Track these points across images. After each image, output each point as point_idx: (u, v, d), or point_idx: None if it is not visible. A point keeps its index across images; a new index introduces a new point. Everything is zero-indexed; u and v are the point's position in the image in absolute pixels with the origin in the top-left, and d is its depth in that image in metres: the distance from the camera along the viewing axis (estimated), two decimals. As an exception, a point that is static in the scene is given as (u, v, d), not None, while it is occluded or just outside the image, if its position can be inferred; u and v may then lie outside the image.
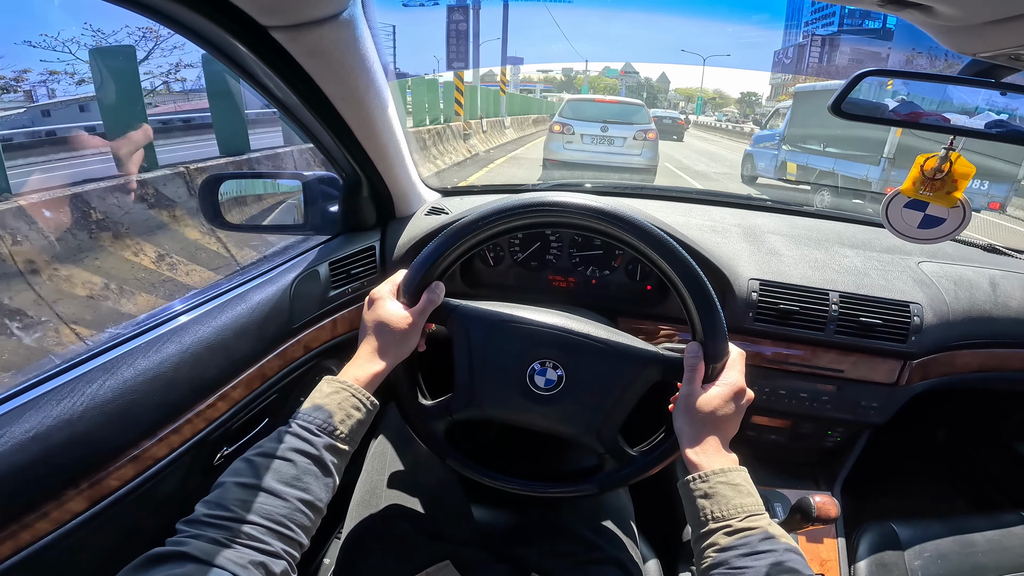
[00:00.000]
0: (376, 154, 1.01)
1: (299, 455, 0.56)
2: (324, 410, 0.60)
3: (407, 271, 0.73)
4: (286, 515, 0.52)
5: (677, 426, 0.67)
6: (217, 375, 0.78)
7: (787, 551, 0.54)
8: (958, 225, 0.81)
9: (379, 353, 0.68)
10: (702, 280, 0.67)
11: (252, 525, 0.50)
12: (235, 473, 0.54)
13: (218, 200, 1.01)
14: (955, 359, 1.10)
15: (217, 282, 0.91)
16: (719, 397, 0.66)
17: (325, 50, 0.74)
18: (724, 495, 0.59)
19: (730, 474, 0.61)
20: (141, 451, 0.66)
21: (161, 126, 9.83)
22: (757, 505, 0.59)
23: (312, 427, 0.59)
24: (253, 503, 0.51)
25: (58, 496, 0.58)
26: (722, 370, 0.68)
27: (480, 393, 0.74)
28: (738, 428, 0.68)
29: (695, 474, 0.62)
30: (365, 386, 0.65)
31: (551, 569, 0.80)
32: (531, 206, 0.70)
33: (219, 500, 0.51)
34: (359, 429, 0.63)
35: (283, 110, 0.87)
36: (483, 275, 1.23)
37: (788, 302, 1.04)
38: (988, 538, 1.04)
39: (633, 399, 0.72)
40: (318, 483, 0.56)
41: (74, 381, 0.62)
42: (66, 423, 0.58)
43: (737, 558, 0.54)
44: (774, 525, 0.57)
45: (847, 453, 1.21)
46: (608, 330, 0.74)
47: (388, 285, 0.74)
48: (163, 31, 9.20)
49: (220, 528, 0.49)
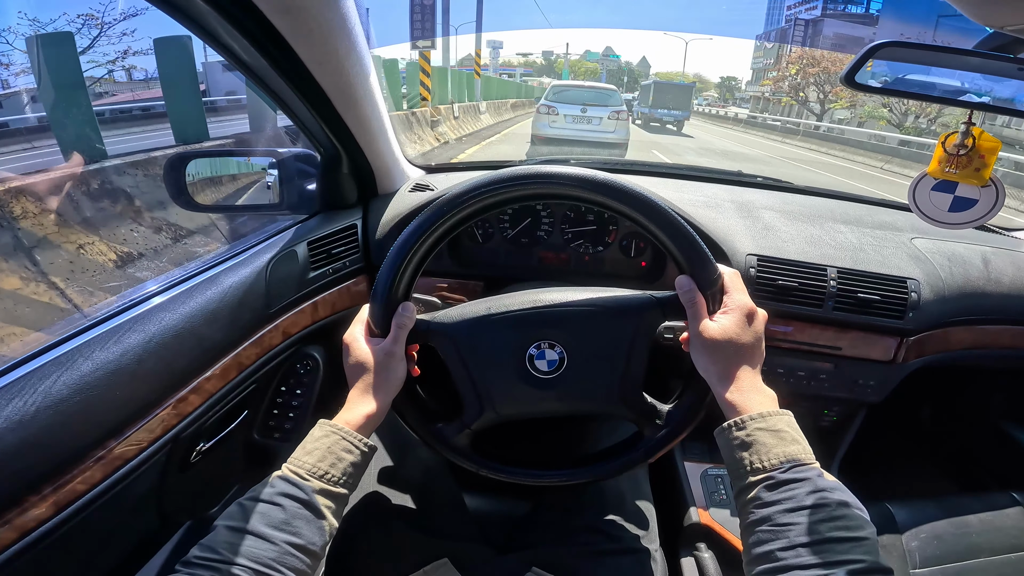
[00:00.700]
0: (357, 127, 0.95)
1: (288, 499, 0.56)
2: (314, 454, 0.60)
3: (370, 304, 0.69)
4: (275, 558, 0.52)
5: (701, 367, 0.62)
6: (188, 366, 0.73)
7: (841, 506, 0.49)
8: (992, 207, 0.76)
9: (369, 395, 0.65)
10: (671, 214, 0.62)
11: (240, 567, 0.50)
12: (227, 517, 0.55)
13: (184, 179, 0.96)
14: (949, 336, 1.10)
15: (185, 265, 0.85)
16: (734, 324, 0.61)
17: (300, 6, 0.68)
18: (765, 443, 0.54)
19: (771, 419, 0.55)
20: (107, 451, 0.62)
21: (119, 115, 9.52)
22: (804, 452, 0.54)
23: (301, 472, 0.58)
24: (240, 546, 0.52)
25: (19, 503, 0.54)
26: (722, 294, 0.64)
27: (488, 397, 0.70)
28: (764, 354, 0.63)
29: (731, 420, 0.57)
30: (359, 429, 0.63)
31: (559, 562, 0.76)
32: (491, 184, 0.64)
33: (210, 543, 0.52)
34: (354, 472, 0.61)
35: (254, 79, 0.80)
36: (473, 253, 1.20)
37: (786, 278, 1.02)
38: (982, 519, 1.05)
39: (644, 351, 0.67)
40: (310, 527, 0.55)
41: (24, 378, 0.56)
42: (18, 424, 0.54)
43: (782, 514, 0.49)
44: (825, 476, 0.53)
45: (843, 433, 1.21)
46: (588, 290, 0.70)
47: (358, 326, 0.70)
48: (107, 17, 8.88)
49: (209, 569, 0.50)
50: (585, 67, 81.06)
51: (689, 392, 0.68)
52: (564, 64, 56.50)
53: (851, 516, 0.49)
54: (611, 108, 9.90)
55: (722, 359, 0.61)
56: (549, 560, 0.76)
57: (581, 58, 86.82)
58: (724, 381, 0.60)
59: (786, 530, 0.48)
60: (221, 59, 0.78)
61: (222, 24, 0.67)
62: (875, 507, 1.08)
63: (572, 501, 0.86)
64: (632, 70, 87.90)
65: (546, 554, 0.78)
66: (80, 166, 3.81)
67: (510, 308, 0.69)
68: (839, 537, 0.47)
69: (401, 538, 0.79)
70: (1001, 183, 0.75)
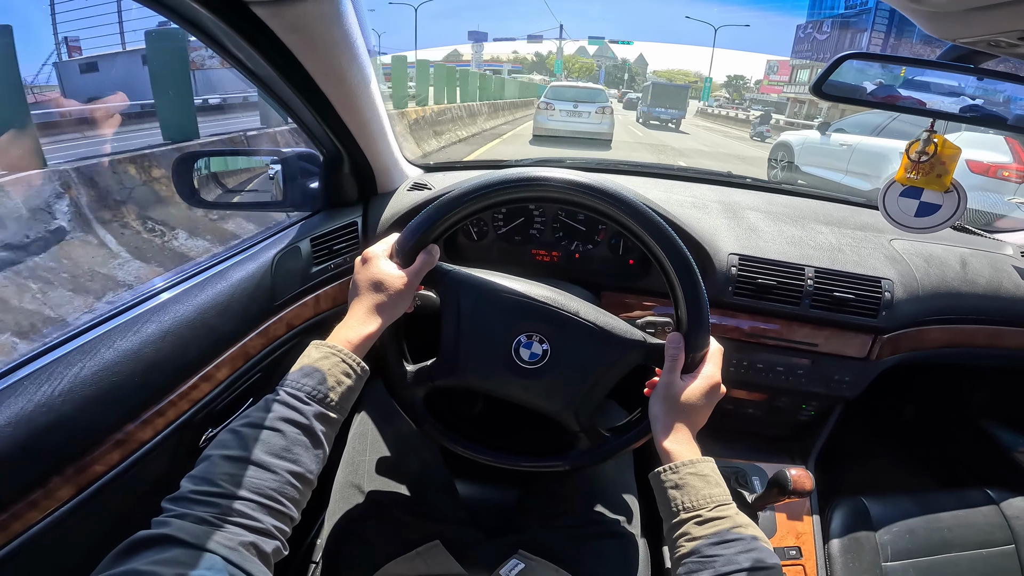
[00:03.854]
0: (358, 130, 0.99)
1: (288, 424, 0.54)
2: (313, 376, 0.58)
3: (402, 233, 0.71)
4: (276, 488, 0.50)
5: (653, 412, 0.68)
6: (199, 355, 0.76)
7: (753, 539, 0.56)
8: (954, 211, 0.81)
9: (373, 313, 0.66)
10: (695, 275, 0.67)
11: (241, 501, 0.48)
12: (222, 445, 0.52)
13: (193, 178, 1.00)
14: (924, 335, 1.13)
15: (196, 260, 0.89)
16: (697, 390, 0.67)
17: (308, 25, 0.72)
18: (694, 486, 0.60)
19: (699, 465, 0.62)
20: (125, 434, 0.65)
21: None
22: (725, 495, 0.61)
23: (301, 395, 0.56)
24: (241, 477, 0.49)
25: (45, 483, 0.57)
26: (702, 361, 0.69)
27: (463, 361, 0.73)
28: (706, 420, 0.69)
29: (666, 465, 0.63)
30: (356, 349, 0.63)
31: (545, 544, 0.80)
32: (536, 180, 0.69)
33: (206, 475, 0.49)
34: (349, 396, 0.61)
35: (262, 86, 0.85)
36: (466, 250, 1.23)
37: (766, 276, 1.06)
38: (955, 515, 1.08)
39: (612, 381, 0.73)
40: (308, 454, 0.54)
41: (53, 364, 0.60)
42: (47, 408, 0.57)
43: (708, 547, 0.55)
44: (741, 515, 0.59)
45: (820, 427, 1.24)
46: (596, 310, 0.74)
47: (382, 245, 0.72)
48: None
49: (207, 505, 0.47)
50: (580, 63, 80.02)
51: (632, 432, 0.74)
52: (558, 55, 54.74)
53: (761, 548, 0.55)
54: (598, 104, 12.18)
55: (673, 413, 0.66)
56: (535, 543, 0.79)
57: (574, 54, 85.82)
58: (666, 430, 0.66)
59: (712, 561, 0.54)
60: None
61: (233, 39, 0.70)
62: (850, 501, 1.12)
63: (559, 489, 0.89)
64: (630, 68, 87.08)
65: (533, 538, 0.81)
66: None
67: (524, 294, 0.73)
68: (753, 567, 0.53)
69: (395, 521, 0.81)
70: (963, 188, 0.79)
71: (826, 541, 1.09)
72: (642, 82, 31.05)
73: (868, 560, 1.03)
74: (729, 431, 1.24)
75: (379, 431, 0.95)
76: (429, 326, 0.76)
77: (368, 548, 0.79)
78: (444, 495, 0.90)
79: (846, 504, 1.12)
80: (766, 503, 0.92)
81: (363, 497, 0.85)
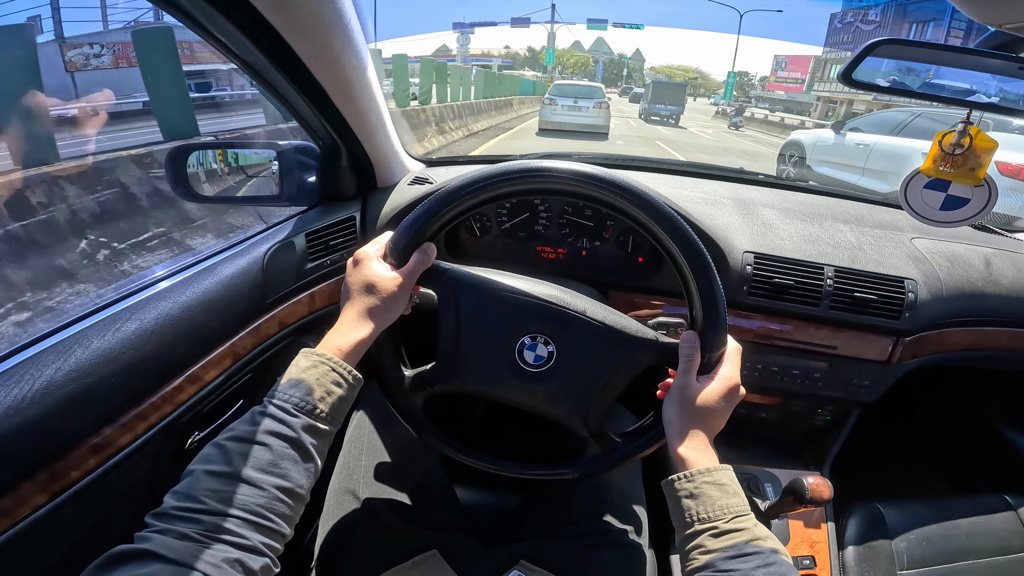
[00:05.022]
0: (355, 120, 0.94)
1: (275, 438, 0.52)
2: (302, 387, 0.55)
3: (395, 231, 0.68)
4: (264, 504, 0.48)
5: (666, 416, 0.65)
6: (184, 355, 0.73)
7: (773, 553, 0.53)
8: (983, 206, 0.76)
9: (365, 317, 0.63)
10: (711, 269, 0.63)
11: (226, 517, 0.46)
12: (206, 460, 0.50)
13: (185, 171, 0.96)
14: (946, 337, 1.10)
15: (182, 255, 0.85)
16: (714, 392, 0.63)
17: (294, 1, 0.67)
18: (710, 495, 0.57)
19: (715, 473, 0.58)
20: (102, 438, 0.62)
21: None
22: (743, 505, 0.57)
23: (288, 407, 0.54)
24: (226, 493, 0.47)
25: (14, 489, 0.54)
26: (718, 362, 0.65)
27: (464, 365, 0.70)
28: (724, 424, 0.65)
29: (680, 473, 0.59)
30: (347, 356, 0.60)
31: (548, 555, 0.77)
32: (539, 172, 0.65)
33: (189, 491, 0.47)
34: (341, 407, 0.58)
35: (251, 74, 0.80)
36: (469, 246, 1.20)
37: (783, 276, 1.02)
38: (971, 521, 1.05)
39: (623, 383, 0.69)
40: (297, 468, 0.52)
41: (23, 365, 0.57)
42: (16, 411, 0.54)
43: (724, 560, 0.52)
44: (760, 526, 0.56)
45: (836, 432, 1.21)
46: (604, 308, 0.70)
47: (374, 245, 0.68)
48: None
49: (190, 521, 0.45)
50: (574, 57, 79.74)
51: (645, 437, 0.70)
52: (551, 43, 53.25)
53: (781, 563, 0.52)
54: (595, 100, 13.94)
55: (688, 418, 0.63)
56: (537, 553, 0.77)
57: (569, 48, 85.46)
58: (681, 436, 0.62)
59: (727, 575, 0.51)
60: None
61: (216, 20, 0.66)
62: (865, 508, 1.09)
63: (563, 496, 0.86)
64: (627, 63, 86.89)
65: (534, 547, 0.78)
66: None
67: (527, 293, 0.69)
68: None
69: (392, 530, 0.79)
70: (994, 183, 0.75)
71: (841, 549, 1.06)
72: (639, 78, 31.15)
73: (883, 569, 1.00)
74: (740, 436, 1.21)
75: (375, 435, 0.92)
76: (428, 327, 0.72)
77: (363, 557, 0.76)
78: (443, 502, 0.88)
79: (861, 511, 1.09)
80: (780, 511, 0.88)
81: (358, 503, 0.82)
